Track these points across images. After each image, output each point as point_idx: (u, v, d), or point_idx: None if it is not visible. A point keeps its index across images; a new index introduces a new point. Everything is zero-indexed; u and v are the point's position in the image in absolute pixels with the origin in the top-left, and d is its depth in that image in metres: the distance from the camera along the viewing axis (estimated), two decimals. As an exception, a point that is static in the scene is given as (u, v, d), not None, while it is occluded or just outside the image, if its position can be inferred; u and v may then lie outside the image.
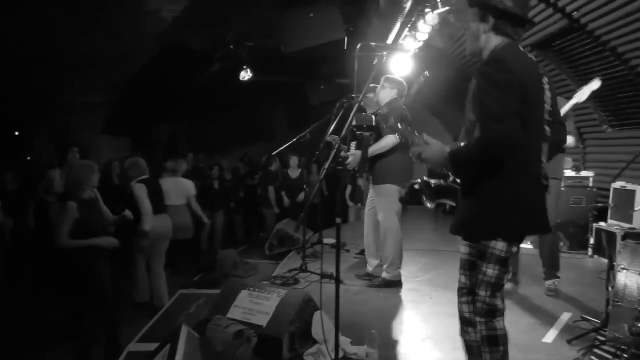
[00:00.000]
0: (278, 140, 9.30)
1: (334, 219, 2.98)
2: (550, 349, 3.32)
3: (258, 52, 8.69)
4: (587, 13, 5.13)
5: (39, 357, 4.13)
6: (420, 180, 2.51)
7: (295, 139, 5.72)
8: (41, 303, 5.09)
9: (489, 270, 2.21)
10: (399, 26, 6.08)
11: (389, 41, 6.37)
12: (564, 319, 3.84)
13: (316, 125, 5.53)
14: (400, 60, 5.94)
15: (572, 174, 6.50)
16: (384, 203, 4.75)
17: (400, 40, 6.20)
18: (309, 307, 3.43)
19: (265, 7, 7.09)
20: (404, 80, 4.96)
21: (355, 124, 4.48)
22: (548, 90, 2.26)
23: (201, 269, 6.28)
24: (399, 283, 4.77)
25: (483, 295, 2.23)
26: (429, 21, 5.50)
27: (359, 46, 3.29)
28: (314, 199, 6.48)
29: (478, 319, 2.26)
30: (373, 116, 4.79)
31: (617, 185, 5.66)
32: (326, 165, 2.76)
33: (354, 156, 4.73)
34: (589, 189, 6.47)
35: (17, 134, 10.45)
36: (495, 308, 2.22)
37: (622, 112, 6.21)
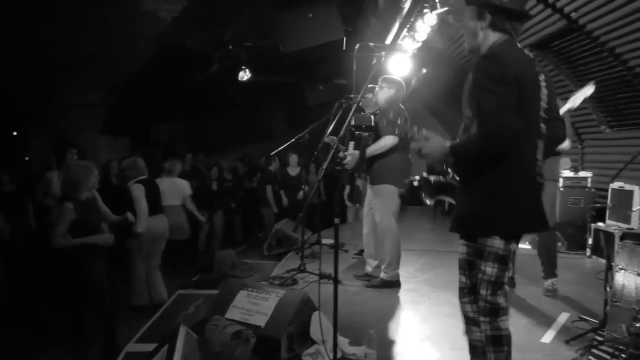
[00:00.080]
0: (276, 140, 9.30)
1: (332, 219, 2.97)
2: (548, 349, 3.32)
3: (256, 52, 8.70)
4: (586, 13, 5.13)
5: (38, 357, 4.12)
6: (419, 176, 2.51)
7: (293, 139, 5.72)
8: (40, 303, 5.08)
9: (488, 269, 2.21)
10: (397, 26, 6.09)
11: (388, 41, 6.37)
12: (561, 319, 3.85)
13: (314, 126, 5.53)
14: (398, 60, 5.95)
15: (570, 174, 6.52)
16: (381, 203, 4.75)
17: (399, 41, 6.20)
18: (307, 308, 3.43)
19: (264, 7, 7.09)
20: (402, 80, 4.96)
21: (353, 123, 4.48)
22: (544, 88, 2.26)
23: (199, 269, 6.28)
24: (397, 283, 4.77)
25: (484, 294, 2.23)
26: (427, 21, 5.51)
27: (357, 46, 3.29)
28: (313, 199, 6.48)
29: (482, 319, 2.25)
30: (372, 116, 4.79)
31: (615, 185, 5.66)
32: (324, 165, 2.75)
33: (351, 156, 4.73)
34: (587, 189, 6.48)
35: (15, 134, 10.44)
36: (497, 306, 2.22)
37: (620, 113, 6.22)
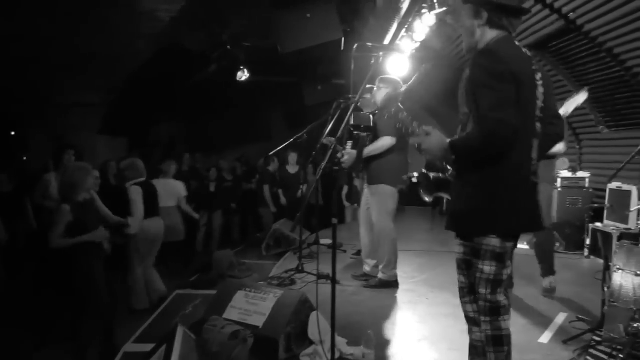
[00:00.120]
0: (275, 140, 9.30)
1: (330, 219, 2.97)
2: (546, 349, 3.32)
3: (255, 53, 8.69)
4: (584, 14, 5.14)
5: (37, 357, 4.12)
6: (418, 173, 2.51)
7: (292, 139, 5.72)
8: (40, 303, 5.07)
9: (486, 267, 2.20)
10: (395, 27, 6.09)
11: (386, 42, 6.37)
12: (559, 319, 3.86)
13: (313, 126, 5.53)
14: (396, 60, 5.95)
15: (569, 174, 6.53)
16: (377, 203, 4.75)
17: (397, 41, 6.20)
18: (305, 308, 3.43)
19: (262, 8, 7.08)
20: (400, 79, 4.97)
21: (353, 123, 4.48)
22: (541, 86, 2.25)
23: (197, 269, 6.27)
24: (395, 283, 4.78)
25: (483, 292, 2.22)
26: (425, 22, 5.51)
27: (355, 46, 3.27)
28: (311, 200, 6.47)
29: (482, 318, 2.25)
30: (371, 116, 4.79)
31: (613, 185, 5.66)
32: (322, 165, 2.75)
33: (349, 155, 4.73)
34: (585, 189, 6.50)
35: (13, 133, 10.42)
36: (498, 305, 2.21)
37: (618, 113, 6.24)
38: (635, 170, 5.52)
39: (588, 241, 6.04)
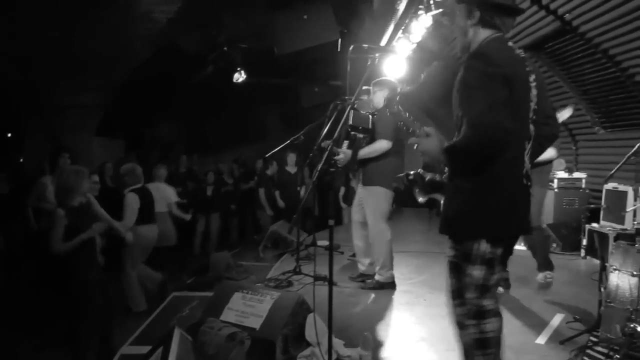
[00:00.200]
0: (272, 141, 9.29)
1: (327, 220, 2.97)
2: (543, 350, 3.33)
3: (251, 54, 8.69)
4: (579, 15, 5.16)
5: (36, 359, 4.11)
6: (414, 171, 2.51)
7: (289, 141, 5.71)
8: (39, 305, 5.05)
9: (475, 272, 2.19)
10: (392, 28, 6.10)
11: (383, 43, 6.37)
12: (556, 320, 3.86)
13: (310, 127, 5.52)
14: (393, 61, 5.95)
15: (565, 175, 6.55)
16: (372, 204, 4.75)
17: (394, 42, 6.21)
18: (302, 310, 3.42)
19: (259, 9, 7.08)
20: (396, 80, 4.97)
21: (351, 123, 4.46)
22: (534, 88, 2.23)
23: (194, 271, 6.26)
24: (392, 284, 4.77)
25: (470, 297, 2.21)
26: (422, 23, 5.51)
27: (351, 48, 3.27)
28: (307, 203, 6.47)
29: (467, 322, 2.23)
30: (370, 116, 4.76)
31: (609, 186, 5.68)
32: (319, 167, 2.75)
33: (344, 154, 4.72)
34: (581, 190, 6.51)
35: (10, 135, 10.39)
36: (483, 309, 2.20)
37: (614, 114, 6.26)
38: (631, 170, 5.54)
39: (584, 242, 6.05)
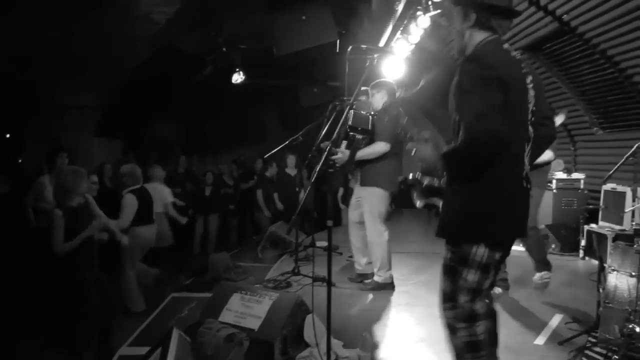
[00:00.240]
0: (271, 142, 9.27)
1: (326, 221, 2.97)
2: (541, 350, 3.33)
3: (250, 55, 8.68)
4: (577, 16, 5.16)
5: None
6: (412, 175, 2.51)
7: (287, 142, 5.71)
8: (38, 305, 5.05)
9: (470, 276, 2.19)
10: (390, 29, 6.10)
11: (381, 44, 6.37)
12: (555, 320, 3.86)
13: (308, 128, 5.51)
14: (392, 62, 5.95)
15: (563, 175, 6.55)
16: (369, 205, 4.74)
17: (392, 43, 6.21)
18: (300, 310, 3.43)
19: (257, 10, 7.08)
20: (394, 82, 4.97)
21: (351, 123, 4.46)
22: (532, 89, 2.22)
23: (193, 272, 6.25)
24: (391, 285, 4.77)
25: (462, 300, 2.21)
26: (420, 24, 5.51)
27: (350, 48, 3.27)
28: (306, 204, 6.45)
29: (458, 325, 2.23)
30: (370, 117, 4.75)
31: (608, 187, 5.69)
32: (317, 168, 2.75)
33: (342, 154, 4.72)
34: (579, 190, 6.52)
35: (8, 136, 10.38)
36: (474, 312, 2.20)
37: (612, 115, 6.26)
38: (629, 171, 5.55)
39: (583, 242, 6.05)
